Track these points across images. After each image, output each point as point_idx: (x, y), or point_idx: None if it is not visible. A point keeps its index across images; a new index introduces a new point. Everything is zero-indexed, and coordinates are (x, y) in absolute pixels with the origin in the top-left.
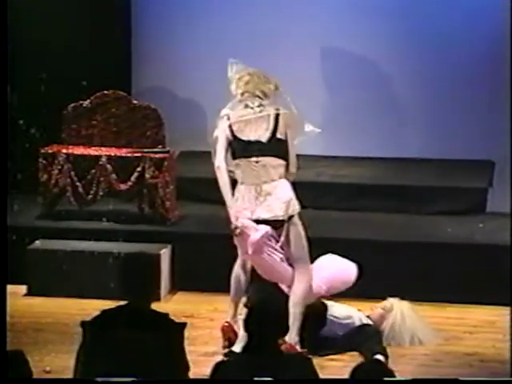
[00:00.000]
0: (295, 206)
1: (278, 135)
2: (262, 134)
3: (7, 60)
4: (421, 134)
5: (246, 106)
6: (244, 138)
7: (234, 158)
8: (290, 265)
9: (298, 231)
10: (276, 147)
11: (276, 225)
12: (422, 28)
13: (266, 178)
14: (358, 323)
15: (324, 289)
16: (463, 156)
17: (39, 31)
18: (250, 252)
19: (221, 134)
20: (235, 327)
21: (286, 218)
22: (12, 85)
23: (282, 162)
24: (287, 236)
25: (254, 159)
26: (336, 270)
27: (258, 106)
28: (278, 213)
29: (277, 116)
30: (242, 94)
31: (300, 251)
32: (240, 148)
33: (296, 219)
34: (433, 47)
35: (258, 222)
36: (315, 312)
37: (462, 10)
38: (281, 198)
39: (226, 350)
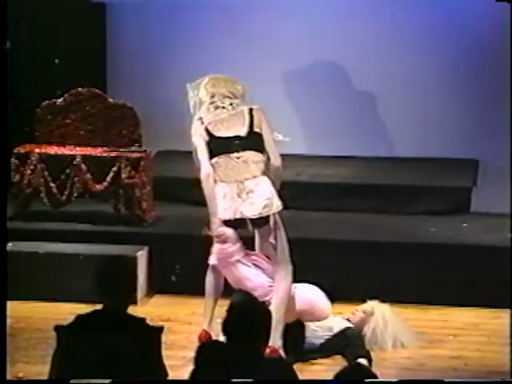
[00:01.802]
0: (278, 203)
1: (256, 129)
2: (239, 129)
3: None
4: (404, 134)
5: (217, 107)
6: (222, 135)
7: (213, 156)
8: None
9: (280, 231)
10: (255, 141)
11: (260, 223)
12: (411, 26)
13: (247, 175)
14: (338, 330)
15: (307, 306)
16: (447, 155)
17: (11, 29)
18: (213, 262)
19: (198, 139)
20: (212, 334)
21: (271, 214)
22: None
23: (262, 156)
24: (272, 235)
25: (234, 154)
26: (319, 297)
27: (230, 105)
28: (262, 210)
29: (250, 111)
30: (212, 97)
31: (282, 252)
32: (219, 145)
33: (279, 218)
34: (421, 46)
35: (242, 220)
36: (294, 326)
37: (454, 9)
38: (263, 195)
39: None
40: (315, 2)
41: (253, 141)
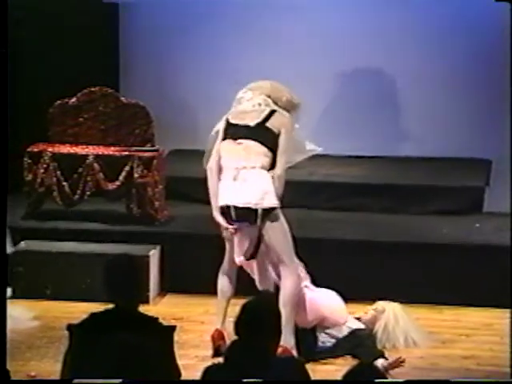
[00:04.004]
0: (271, 200)
1: (269, 125)
2: (251, 120)
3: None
4: (415, 133)
5: (241, 101)
6: (236, 122)
7: (223, 141)
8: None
9: (278, 228)
10: (262, 133)
11: (249, 216)
12: (418, 25)
13: (245, 163)
14: (349, 330)
15: (327, 313)
16: (459, 154)
17: (25, 29)
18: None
19: (217, 132)
20: (225, 334)
21: (260, 209)
22: None
23: (266, 150)
24: (266, 233)
25: (237, 141)
26: (338, 303)
27: (251, 100)
28: (251, 200)
29: (272, 112)
30: (244, 92)
31: (283, 250)
32: (229, 130)
33: (275, 215)
34: (429, 45)
35: (235, 208)
36: (304, 328)
37: (460, 9)
38: (257, 187)
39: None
40: (324, 2)
41: (259, 133)
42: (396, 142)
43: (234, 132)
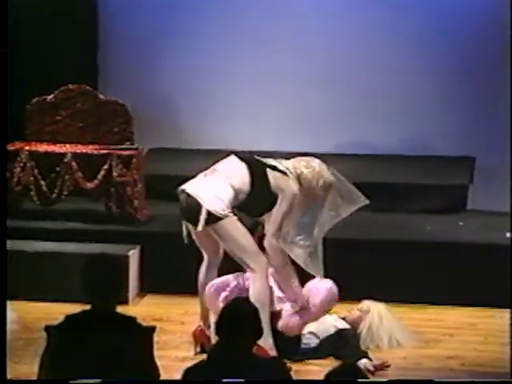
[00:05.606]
0: (216, 207)
1: (269, 172)
2: (263, 159)
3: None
4: (400, 131)
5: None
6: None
7: None
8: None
9: (229, 237)
10: (257, 167)
11: (194, 210)
12: (408, 23)
13: (223, 170)
14: (334, 329)
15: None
16: (443, 152)
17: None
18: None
19: None
20: (208, 332)
21: (204, 208)
22: None
23: (247, 174)
24: (220, 239)
25: (238, 158)
26: (323, 293)
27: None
28: (200, 194)
29: (284, 172)
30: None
31: (243, 256)
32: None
33: (225, 225)
34: (418, 45)
35: (187, 195)
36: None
37: (455, 7)
38: (213, 189)
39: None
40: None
41: (256, 165)
42: (380, 141)
43: (245, 154)
